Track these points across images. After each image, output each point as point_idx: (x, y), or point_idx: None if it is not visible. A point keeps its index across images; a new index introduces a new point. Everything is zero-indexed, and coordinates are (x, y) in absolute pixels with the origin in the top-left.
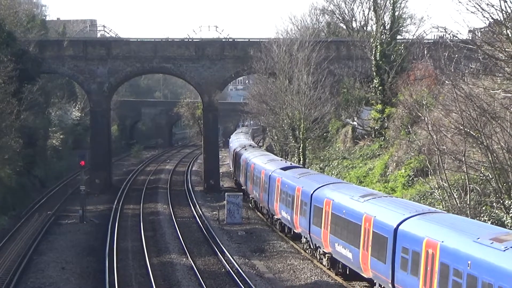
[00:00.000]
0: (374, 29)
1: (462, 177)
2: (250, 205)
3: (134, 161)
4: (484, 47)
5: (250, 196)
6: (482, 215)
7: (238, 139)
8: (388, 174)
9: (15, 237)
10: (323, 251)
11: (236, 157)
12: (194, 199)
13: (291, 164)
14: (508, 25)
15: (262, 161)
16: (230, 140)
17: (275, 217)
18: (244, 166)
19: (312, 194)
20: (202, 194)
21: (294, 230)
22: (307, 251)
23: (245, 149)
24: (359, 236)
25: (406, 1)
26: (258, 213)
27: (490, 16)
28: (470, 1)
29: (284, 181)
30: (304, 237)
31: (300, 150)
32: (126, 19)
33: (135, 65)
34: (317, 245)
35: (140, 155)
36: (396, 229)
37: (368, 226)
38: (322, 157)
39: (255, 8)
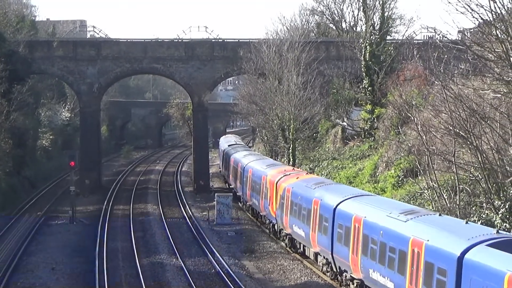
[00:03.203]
0: (364, 30)
1: (452, 177)
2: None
3: (124, 162)
4: (474, 47)
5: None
6: (472, 215)
7: (227, 140)
8: (378, 175)
9: (5, 237)
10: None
11: (225, 157)
12: (184, 200)
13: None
14: (497, 26)
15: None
16: (219, 141)
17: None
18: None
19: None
20: (191, 195)
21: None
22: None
23: (234, 149)
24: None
25: (396, 2)
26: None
27: (480, 16)
28: (459, 1)
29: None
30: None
31: (290, 150)
32: (116, 19)
33: (124, 66)
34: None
35: (130, 156)
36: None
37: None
38: (312, 158)
39: (245, 9)
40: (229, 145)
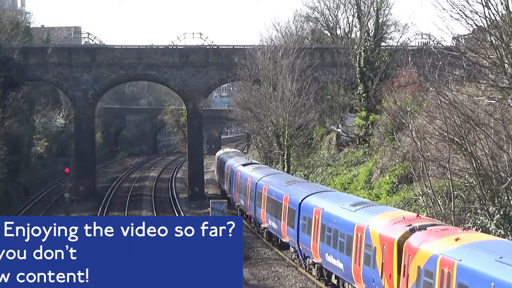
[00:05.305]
0: (358, 36)
1: (446, 183)
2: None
3: (119, 168)
4: (468, 54)
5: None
6: (466, 221)
7: (233, 158)
8: (373, 181)
9: None
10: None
11: (221, 163)
12: (179, 206)
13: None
14: (491, 32)
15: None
16: (220, 157)
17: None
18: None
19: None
20: (186, 201)
21: (235, 203)
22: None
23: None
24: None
25: (390, 8)
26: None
27: (474, 23)
28: (454, 8)
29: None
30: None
31: (285, 157)
32: (111, 26)
33: (119, 72)
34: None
35: (125, 162)
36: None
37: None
38: (306, 164)
39: (240, 15)
40: (243, 165)
